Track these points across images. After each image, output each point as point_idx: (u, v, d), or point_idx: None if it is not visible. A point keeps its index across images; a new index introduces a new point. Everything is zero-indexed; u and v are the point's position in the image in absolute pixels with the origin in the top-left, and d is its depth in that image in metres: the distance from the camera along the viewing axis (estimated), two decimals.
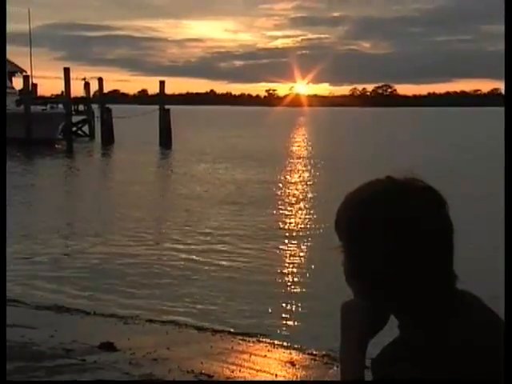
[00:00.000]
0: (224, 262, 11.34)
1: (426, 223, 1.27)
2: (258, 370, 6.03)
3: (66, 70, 39.98)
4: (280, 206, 18.00)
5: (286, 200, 19.29)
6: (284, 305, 9.11)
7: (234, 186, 22.10)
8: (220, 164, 29.60)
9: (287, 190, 21.48)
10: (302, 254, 12.18)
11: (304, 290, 9.85)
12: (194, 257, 11.75)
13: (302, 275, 10.68)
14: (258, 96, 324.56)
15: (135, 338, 6.77)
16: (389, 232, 1.26)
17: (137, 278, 10.28)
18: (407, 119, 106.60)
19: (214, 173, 26.27)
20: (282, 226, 15.11)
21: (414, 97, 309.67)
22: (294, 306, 9.05)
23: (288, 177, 25.50)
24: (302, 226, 15.20)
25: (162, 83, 41.03)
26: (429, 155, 30.12)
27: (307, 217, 16.36)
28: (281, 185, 22.85)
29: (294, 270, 11.04)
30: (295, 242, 13.31)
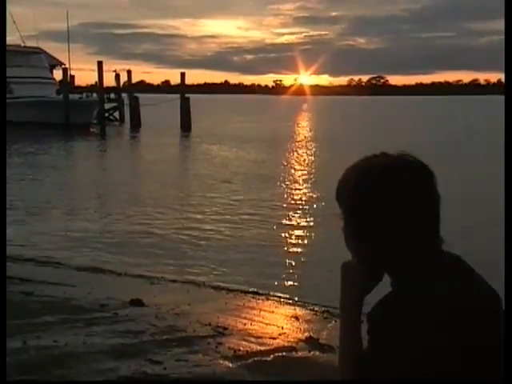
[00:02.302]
0: (236, 230, 11.35)
1: (416, 192, 1.27)
2: (266, 324, 6.05)
3: (99, 63, 39.83)
4: (286, 180, 17.97)
5: (292, 175, 19.24)
6: (289, 266, 9.13)
7: (244, 162, 22.06)
8: (233, 145, 29.48)
9: (292, 167, 21.39)
10: (305, 221, 12.16)
11: (307, 253, 9.86)
12: (211, 226, 11.78)
13: (306, 240, 10.69)
14: (266, 86, 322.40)
15: (160, 296, 6.82)
16: (384, 199, 1.26)
17: (162, 244, 10.32)
18: (398, 106, 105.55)
19: (229, 152, 26.21)
20: (287, 197, 15.10)
21: (404, 86, 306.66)
22: (298, 268, 9.06)
23: (293, 155, 25.38)
24: (305, 196, 15.16)
25: (182, 74, 40.78)
26: (417, 133, 29.91)
27: (310, 188, 16.31)
28: (286, 162, 22.77)
29: (299, 236, 11.04)
30: (300, 210, 13.31)
